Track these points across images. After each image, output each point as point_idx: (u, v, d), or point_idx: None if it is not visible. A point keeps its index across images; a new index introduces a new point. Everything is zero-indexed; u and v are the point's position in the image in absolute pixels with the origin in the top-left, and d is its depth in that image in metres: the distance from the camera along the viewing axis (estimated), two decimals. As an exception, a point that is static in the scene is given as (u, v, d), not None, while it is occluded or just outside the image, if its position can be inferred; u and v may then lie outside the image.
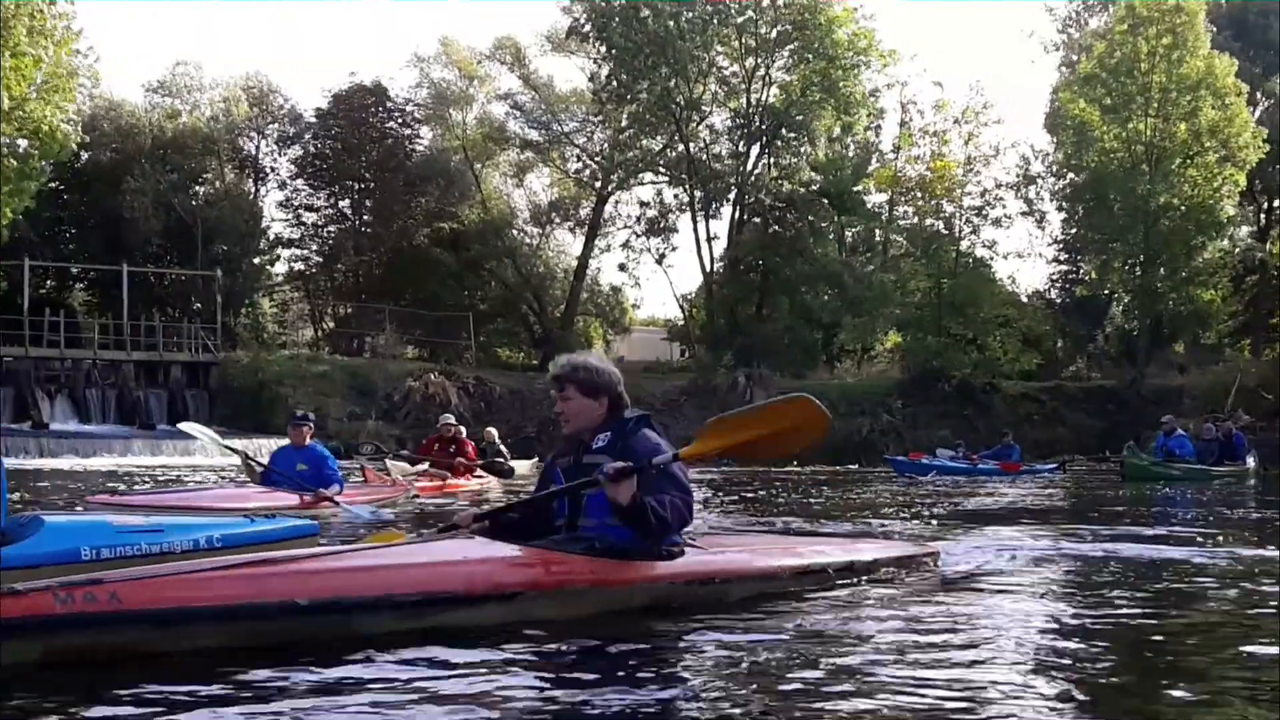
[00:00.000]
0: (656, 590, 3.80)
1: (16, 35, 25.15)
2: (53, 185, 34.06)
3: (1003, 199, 35.70)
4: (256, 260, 39.69)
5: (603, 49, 35.85)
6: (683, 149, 36.59)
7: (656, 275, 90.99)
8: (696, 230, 36.93)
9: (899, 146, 37.53)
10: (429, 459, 13.25)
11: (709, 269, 37.25)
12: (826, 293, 35.70)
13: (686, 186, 37.25)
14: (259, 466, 9.52)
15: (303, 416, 9.54)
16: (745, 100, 36.68)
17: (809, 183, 36.12)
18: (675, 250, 41.08)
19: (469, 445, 13.70)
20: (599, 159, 40.09)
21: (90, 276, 38.02)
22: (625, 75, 35.66)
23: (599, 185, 40.32)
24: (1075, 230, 36.50)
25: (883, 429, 30.49)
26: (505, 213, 41.31)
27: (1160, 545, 6.38)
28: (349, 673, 2.77)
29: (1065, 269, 40.85)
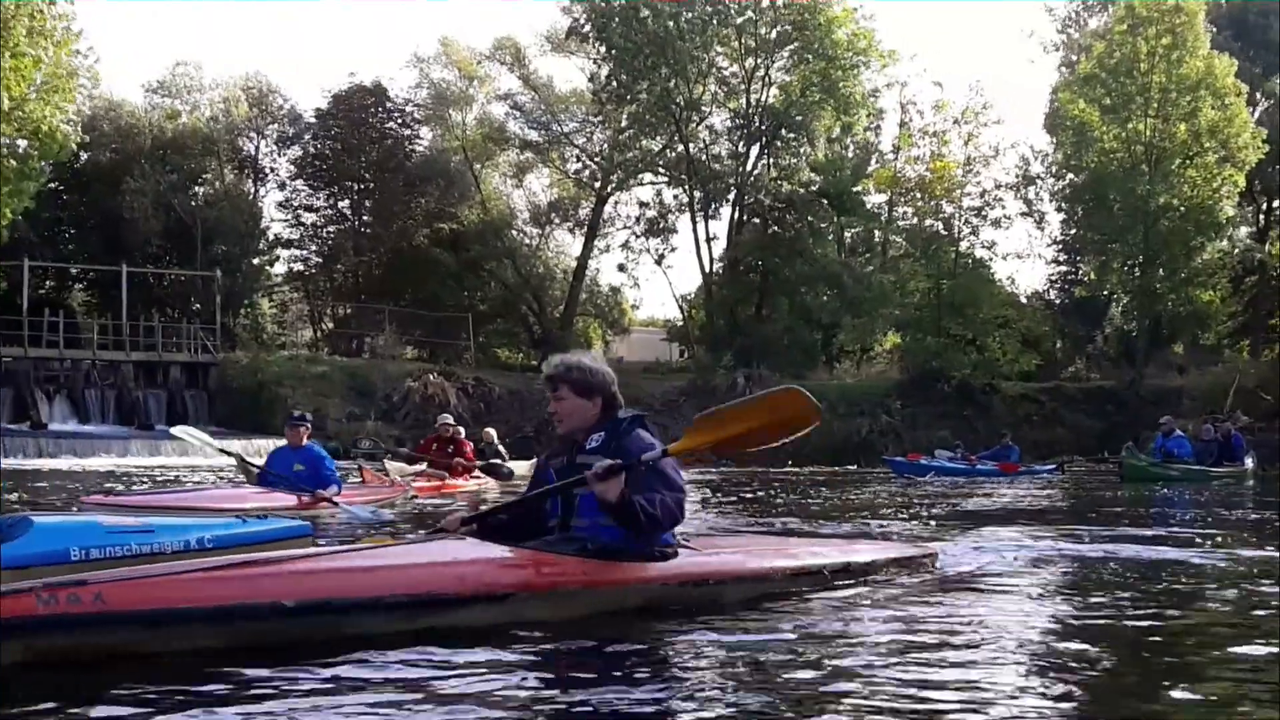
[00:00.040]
0: (649, 592, 3.76)
1: (16, 36, 25.15)
2: (52, 185, 34.06)
3: (1002, 199, 35.73)
4: (256, 261, 39.69)
5: (602, 49, 35.88)
6: (682, 149, 36.60)
7: (656, 276, 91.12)
8: (696, 231, 37.02)
9: (898, 147, 37.54)
10: (427, 458, 13.23)
11: (708, 269, 37.28)
12: (826, 293, 35.71)
13: (686, 187, 37.27)
14: (254, 468, 9.48)
15: (300, 417, 9.50)
16: (745, 101, 36.70)
17: (808, 183, 36.13)
18: (674, 251, 41.20)
19: (467, 446, 13.67)
20: (598, 159, 40.10)
21: (89, 277, 38.03)
22: (625, 75, 35.68)
23: (598, 186, 40.33)
24: (1074, 231, 36.51)
25: (882, 430, 30.48)
26: (505, 213, 41.33)
27: (1159, 546, 6.37)
28: (337, 675, 2.75)
29: (1064, 270, 40.87)
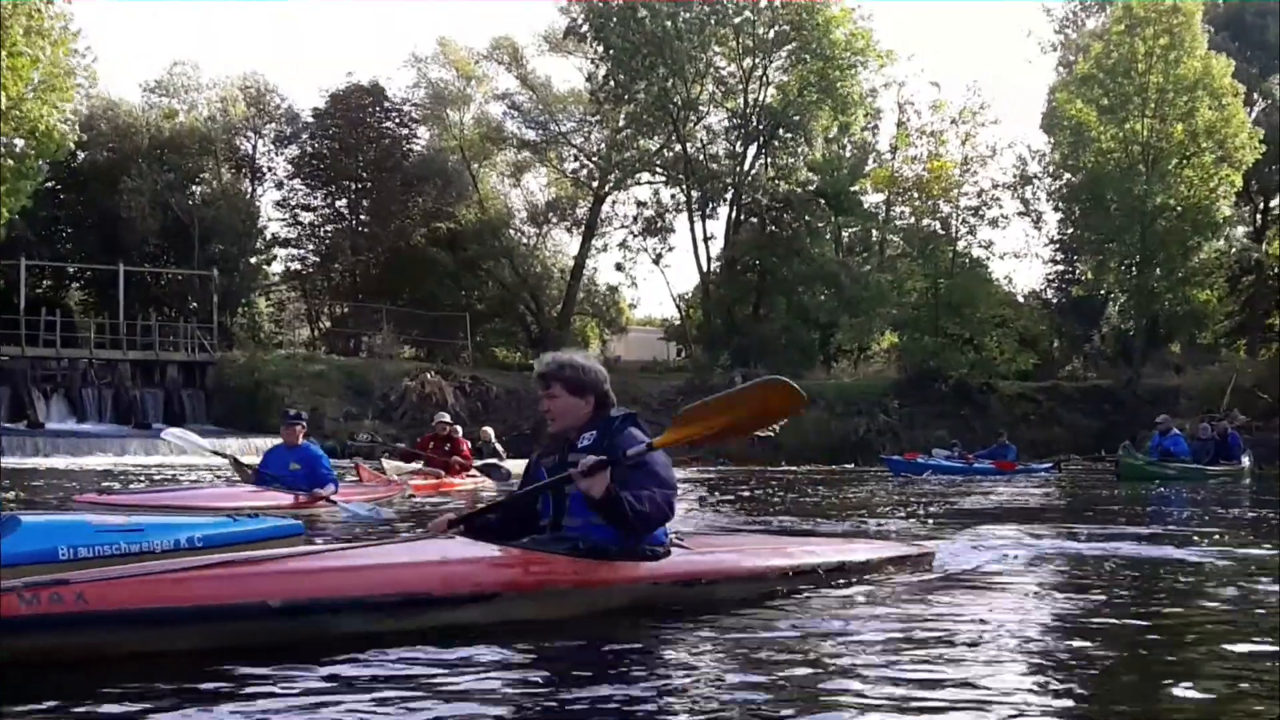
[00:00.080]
0: (640, 591, 3.72)
1: (13, 35, 25.13)
2: (49, 185, 34.02)
3: (999, 199, 35.78)
4: (253, 260, 39.63)
5: (600, 49, 35.87)
6: (680, 149, 36.61)
7: (653, 275, 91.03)
8: (693, 230, 37.02)
9: (896, 147, 37.56)
10: (425, 456, 13.19)
11: (706, 269, 37.28)
12: (823, 293, 35.73)
13: (683, 186, 37.27)
14: (249, 469, 9.41)
15: (295, 416, 9.44)
16: (742, 100, 36.71)
17: (806, 183, 36.15)
18: (672, 250, 41.16)
19: (464, 444, 13.67)
20: (596, 159, 40.07)
21: (87, 276, 37.97)
22: (622, 75, 35.67)
23: (596, 185, 40.29)
24: (1072, 230, 36.55)
25: (879, 429, 30.53)
26: (502, 212, 41.30)
27: (1156, 544, 6.38)
28: (323, 675, 2.72)
29: (1062, 269, 40.91)
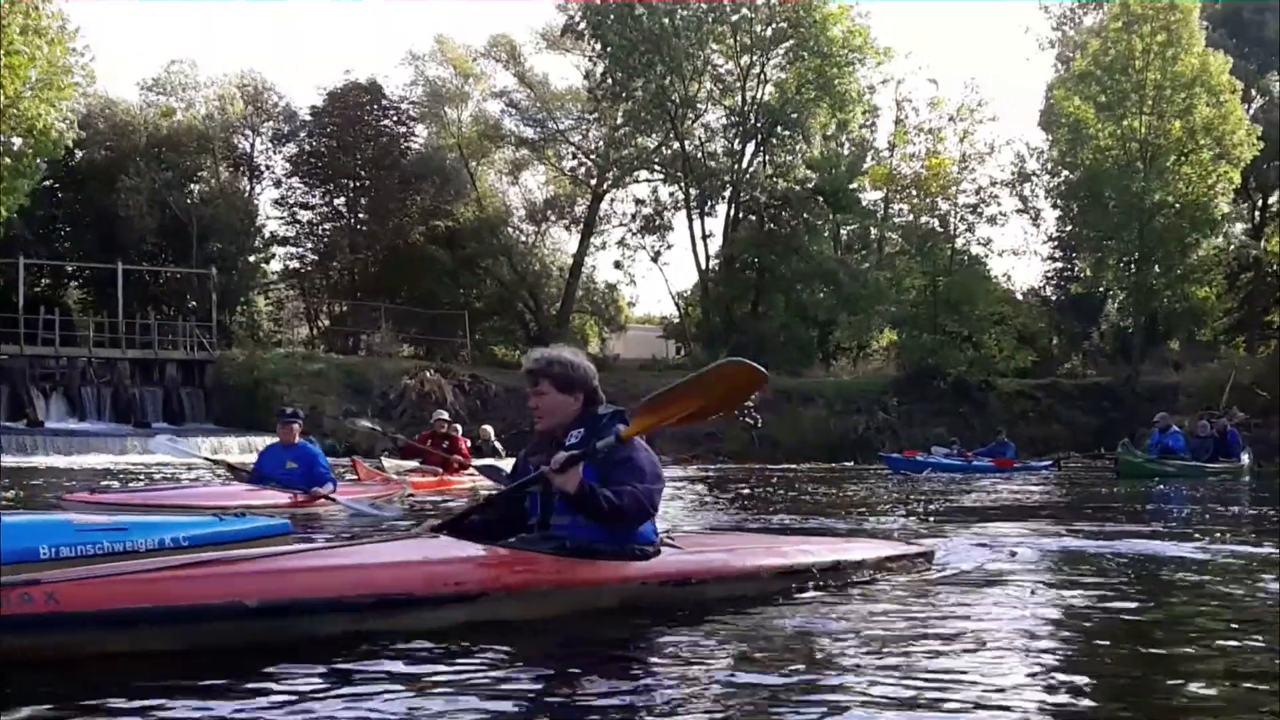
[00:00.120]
0: (628, 591, 3.66)
1: (10, 33, 25.10)
2: (48, 183, 33.98)
3: (998, 196, 35.75)
4: (252, 258, 39.63)
5: (598, 47, 35.87)
6: (678, 147, 36.61)
7: (652, 273, 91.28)
8: (692, 228, 37.04)
9: (894, 144, 37.54)
10: (425, 451, 13.09)
11: (704, 267, 37.27)
12: (822, 290, 35.73)
13: (682, 184, 37.28)
14: (244, 473, 9.26)
15: (292, 414, 9.29)
16: (740, 98, 36.70)
17: (804, 180, 36.14)
18: (671, 248, 41.20)
19: (462, 442, 13.62)
20: (594, 157, 40.08)
21: (85, 274, 37.96)
22: (620, 73, 35.67)
23: (594, 183, 40.31)
24: (1070, 228, 36.58)
25: (878, 426, 30.54)
26: (501, 210, 41.30)
27: (1155, 542, 6.36)
28: (300, 677, 2.68)
29: (1060, 266, 40.93)
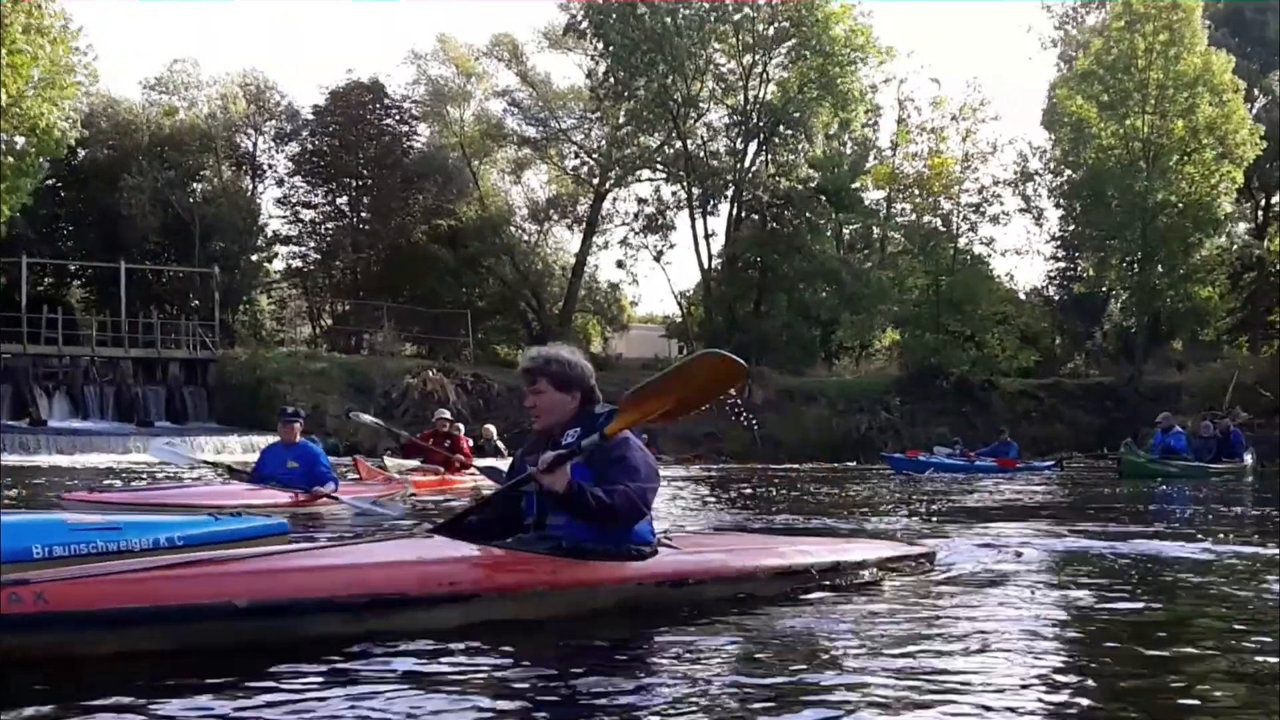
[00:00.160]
0: (624, 592, 3.62)
1: (12, 33, 25.12)
2: (50, 182, 33.99)
3: (1000, 196, 35.80)
4: (254, 257, 39.67)
5: (600, 46, 35.86)
6: (680, 146, 36.58)
7: (654, 272, 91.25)
8: (694, 227, 36.99)
9: (896, 143, 37.55)
10: (428, 450, 13.04)
11: (707, 266, 37.25)
12: (824, 290, 35.71)
13: (684, 183, 37.25)
14: (243, 475, 9.20)
15: (293, 413, 9.26)
16: (743, 97, 36.66)
17: (807, 179, 36.12)
18: (673, 247, 41.19)
19: (464, 441, 13.59)
20: (597, 156, 40.09)
21: (88, 274, 38.00)
22: (623, 72, 35.65)
23: (597, 182, 40.31)
24: (1073, 227, 36.57)
25: (881, 426, 30.53)
26: (503, 210, 41.31)
27: (1158, 542, 6.34)
28: (291, 678, 2.65)
29: (1063, 266, 40.92)
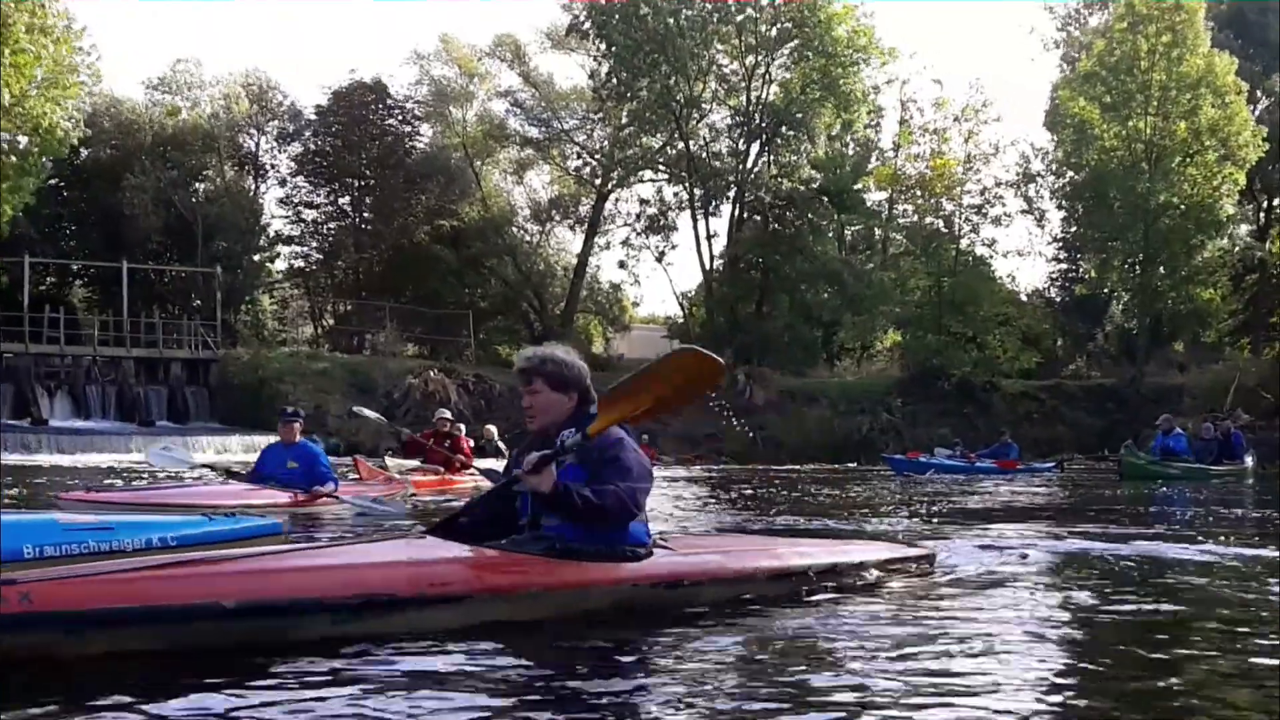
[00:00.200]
0: (619, 593, 3.58)
1: (15, 32, 25.16)
2: (53, 182, 34.09)
3: (1002, 197, 35.85)
4: (256, 257, 39.71)
5: (603, 46, 35.87)
6: (682, 147, 36.59)
7: (656, 273, 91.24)
8: (696, 228, 37.03)
9: (899, 144, 37.58)
10: (430, 448, 13.01)
11: (709, 267, 37.26)
12: (826, 291, 35.70)
13: (686, 184, 37.26)
14: (242, 477, 9.13)
15: (293, 413, 9.22)
16: (745, 98, 36.67)
17: (809, 180, 36.12)
18: (675, 248, 41.24)
19: (465, 442, 13.58)
20: (599, 156, 40.12)
21: (90, 273, 38.04)
22: (625, 73, 35.66)
23: (599, 183, 40.35)
24: (1075, 229, 36.54)
25: (882, 427, 30.52)
26: (505, 210, 41.35)
27: (1159, 544, 6.33)
28: (279, 680, 2.63)
29: (1065, 267, 40.89)
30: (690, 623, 3.48)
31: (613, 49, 35.38)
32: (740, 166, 36.92)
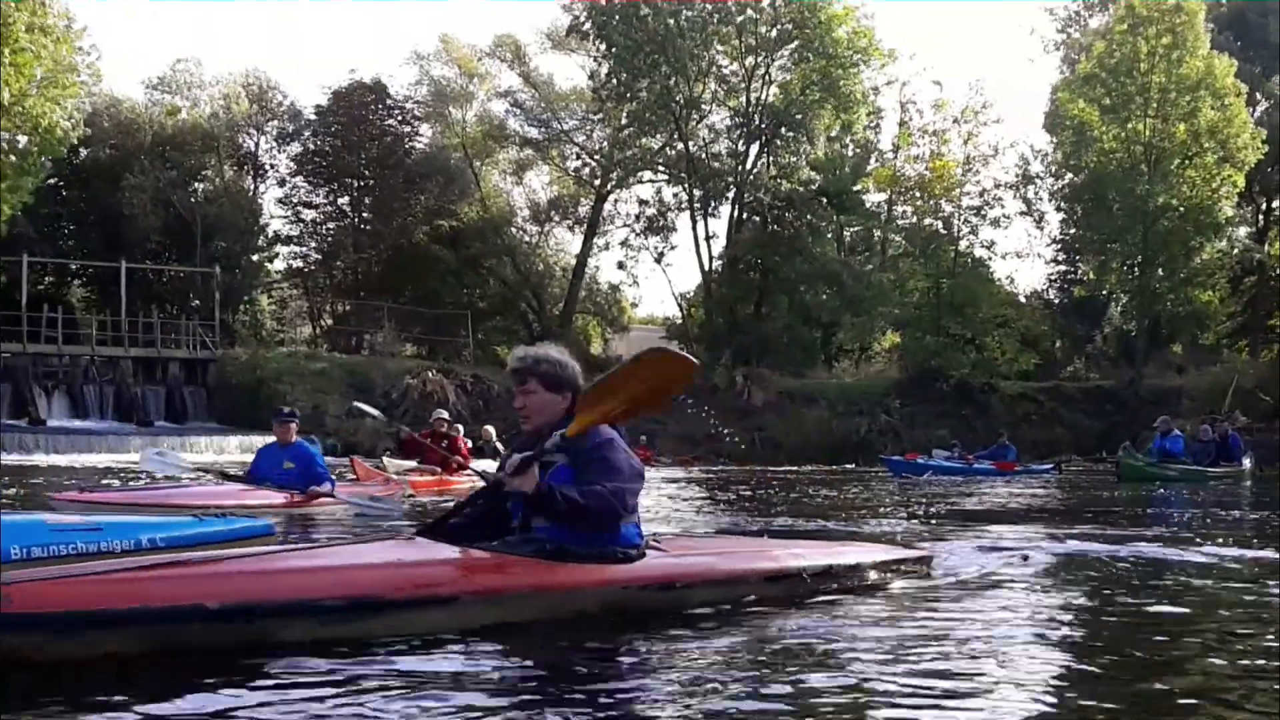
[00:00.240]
0: (610, 595, 3.54)
1: (15, 32, 25.15)
2: (52, 181, 34.04)
3: (1001, 199, 35.85)
4: (255, 257, 39.68)
5: (603, 47, 35.86)
6: (682, 147, 36.59)
7: (655, 274, 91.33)
8: (695, 229, 37.00)
9: (898, 146, 37.58)
10: (428, 447, 12.98)
11: (708, 268, 37.25)
12: (825, 292, 35.70)
13: (686, 185, 37.25)
14: (236, 479, 9.09)
15: (289, 413, 9.12)
16: (745, 99, 36.67)
17: (808, 182, 36.12)
18: (674, 249, 41.23)
19: (462, 442, 13.57)
20: (598, 157, 40.12)
21: (89, 273, 38.02)
22: (625, 73, 35.66)
23: (598, 183, 40.35)
24: (1074, 230, 36.55)
25: (881, 429, 30.52)
26: (504, 210, 41.35)
27: (1157, 546, 6.32)
28: (261, 683, 2.60)
29: (1064, 269, 40.88)
30: (682, 625, 3.45)
31: (613, 49, 35.37)
32: (740, 167, 36.92)
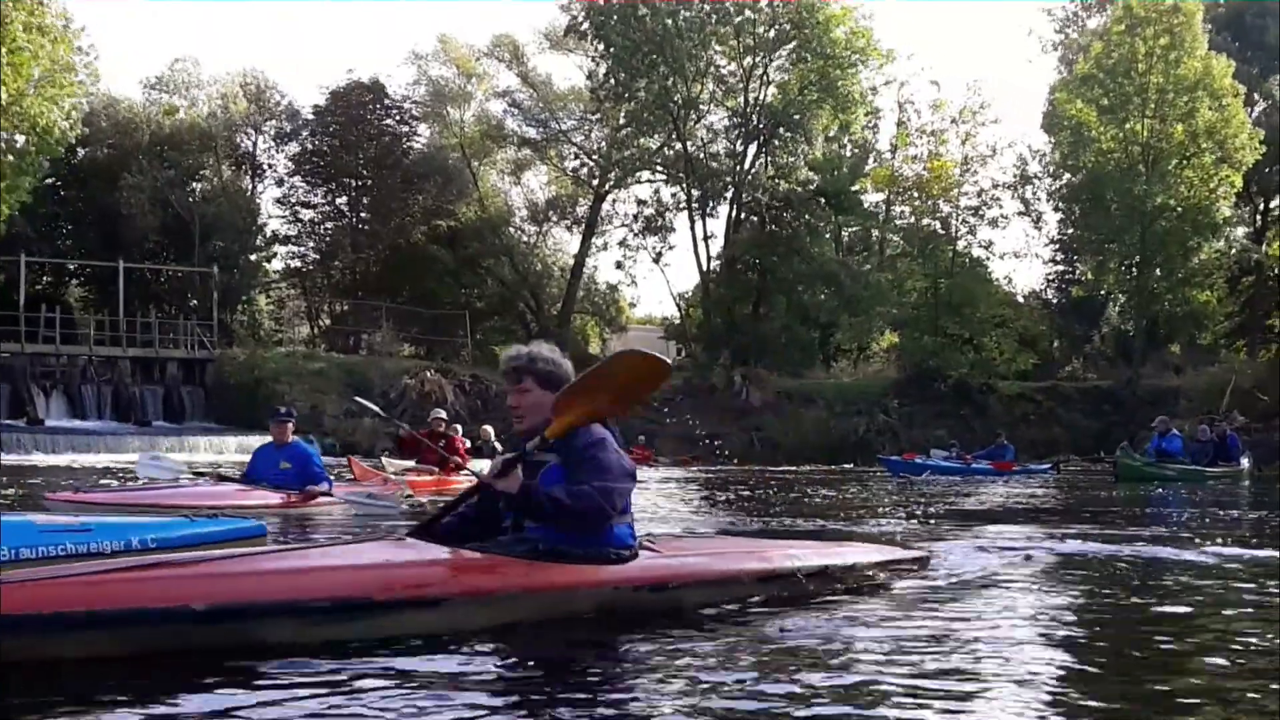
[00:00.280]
0: (602, 596, 3.52)
1: (13, 31, 25.12)
2: (50, 181, 33.97)
3: (999, 199, 35.79)
4: (253, 257, 39.66)
5: (601, 47, 35.86)
6: (680, 148, 36.60)
7: (653, 274, 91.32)
8: (693, 229, 37.00)
9: (896, 146, 37.56)
10: (424, 443, 12.92)
11: (706, 268, 37.25)
12: (823, 292, 35.71)
13: (684, 185, 37.26)
14: (235, 474, 9.12)
15: (286, 413, 9.11)
16: (743, 99, 36.67)
17: (806, 182, 36.13)
18: (672, 249, 41.22)
19: (459, 442, 13.57)
20: (596, 157, 40.11)
21: (87, 273, 37.99)
22: (623, 74, 35.66)
23: (596, 183, 40.33)
24: (1072, 231, 36.54)
25: (879, 429, 30.54)
26: (502, 210, 41.33)
27: (1155, 546, 6.34)
28: (247, 685, 2.59)
29: (1062, 269, 40.88)
30: (675, 626, 3.43)
31: (611, 50, 35.37)
32: (738, 167, 36.92)
